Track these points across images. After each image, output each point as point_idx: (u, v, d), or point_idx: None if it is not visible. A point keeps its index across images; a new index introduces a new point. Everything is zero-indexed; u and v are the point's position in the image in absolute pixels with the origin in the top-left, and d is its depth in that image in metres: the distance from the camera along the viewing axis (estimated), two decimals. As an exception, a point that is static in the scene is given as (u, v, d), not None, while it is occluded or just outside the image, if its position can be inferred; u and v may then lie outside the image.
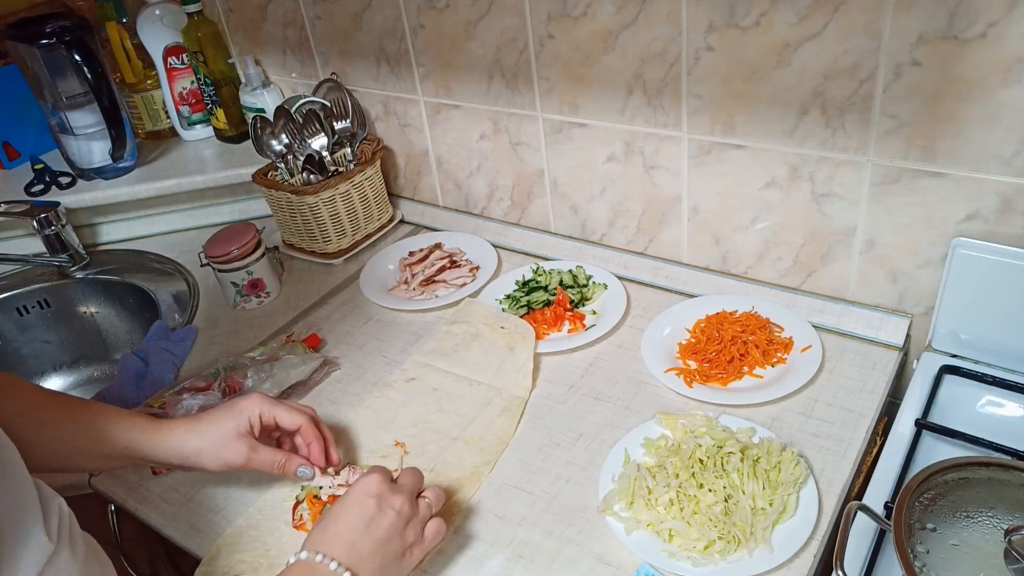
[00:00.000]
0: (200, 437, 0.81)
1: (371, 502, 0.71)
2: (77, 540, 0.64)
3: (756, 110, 0.95)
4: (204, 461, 0.82)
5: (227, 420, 0.82)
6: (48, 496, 0.62)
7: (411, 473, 0.77)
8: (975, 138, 0.83)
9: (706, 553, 0.74)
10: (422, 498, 0.75)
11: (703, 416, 0.88)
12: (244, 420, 0.82)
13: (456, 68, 1.20)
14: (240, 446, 0.81)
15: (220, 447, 0.81)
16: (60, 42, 1.28)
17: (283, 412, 0.84)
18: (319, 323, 1.17)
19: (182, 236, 1.45)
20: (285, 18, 1.36)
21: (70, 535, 0.63)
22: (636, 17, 0.97)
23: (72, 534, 0.63)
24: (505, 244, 1.29)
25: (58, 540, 0.60)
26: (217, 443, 0.81)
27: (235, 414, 0.82)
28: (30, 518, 0.58)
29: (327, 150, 1.29)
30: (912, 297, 0.98)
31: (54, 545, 0.59)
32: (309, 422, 0.85)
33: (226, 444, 0.81)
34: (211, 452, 0.81)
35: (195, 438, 0.81)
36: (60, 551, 0.60)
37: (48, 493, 0.63)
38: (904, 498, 0.67)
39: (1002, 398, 0.88)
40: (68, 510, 0.64)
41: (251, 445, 0.82)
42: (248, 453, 0.81)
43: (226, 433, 0.81)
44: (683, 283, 1.13)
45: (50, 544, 0.59)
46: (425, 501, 0.75)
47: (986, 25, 0.77)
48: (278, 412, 0.84)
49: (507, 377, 1.00)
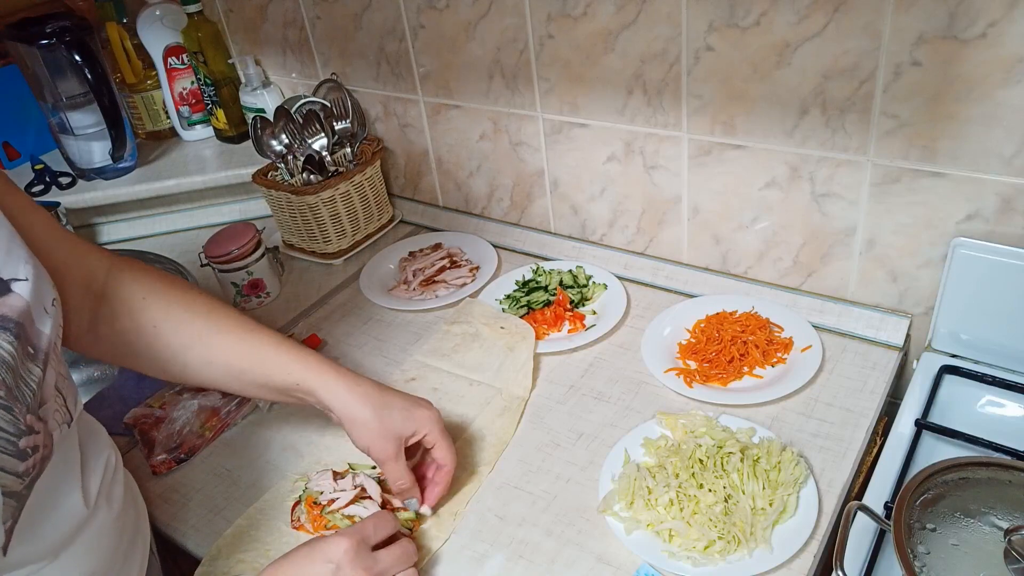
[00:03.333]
0: (372, 414, 0.79)
1: (326, 568, 0.68)
2: (115, 491, 0.64)
3: (756, 110, 0.95)
4: (357, 434, 0.81)
5: (402, 421, 0.81)
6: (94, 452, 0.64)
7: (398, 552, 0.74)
8: (975, 138, 0.83)
9: (706, 553, 0.74)
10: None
11: (703, 416, 0.88)
12: (411, 427, 0.81)
13: (456, 68, 1.20)
14: (391, 446, 0.80)
15: (378, 436, 0.80)
16: (60, 42, 1.28)
17: (444, 447, 0.83)
18: (319, 323, 1.17)
19: (182, 236, 1.45)
20: (285, 18, 1.36)
21: (110, 488, 0.63)
22: (636, 17, 0.97)
23: (113, 485, 0.64)
24: (505, 244, 1.29)
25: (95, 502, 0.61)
26: (379, 431, 0.80)
27: (412, 421, 0.81)
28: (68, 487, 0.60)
29: (327, 150, 1.29)
30: (912, 297, 0.98)
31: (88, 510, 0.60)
32: (452, 467, 0.84)
33: (384, 438, 0.80)
34: (368, 433, 0.80)
35: (368, 412, 0.80)
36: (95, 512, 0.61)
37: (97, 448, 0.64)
38: (904, 498, 0.67)
39: (1002, 398, 0.88)
40: (115, 461, 0.65)
41: (399, 451, 0.81)
42: (393, 456, 0.80)
43: (392, 431, 0.80)
44: (683, 283, 1.13)
45: (86, 509, 0.60)
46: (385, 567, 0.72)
47: (986, 25, 0.77)
48: (439, 443, 0.83)
49: (507, 377, 1.00)
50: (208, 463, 0.95)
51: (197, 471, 0.94)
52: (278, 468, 0.93)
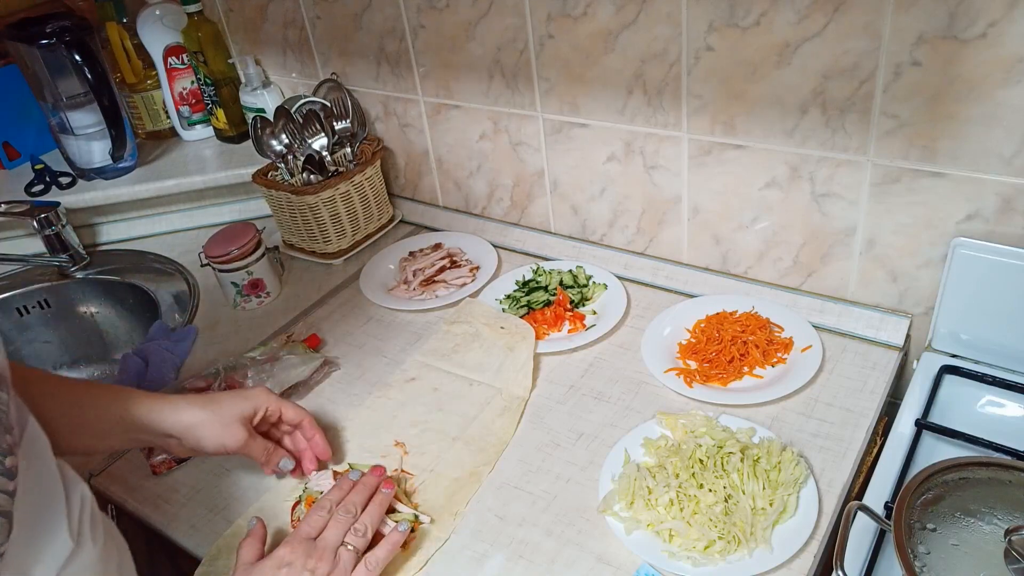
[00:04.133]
0: (203, 411, 0.82)
1: (282, 572, 0.71)
2: (97, 528, 0.64)
3: (756, 110, 0.95)
4: (202, 435, 0.82)
5: (235, 404, 0.85)
6: (72, 484, 0.63)
7: (335, 523, 0.76)
8: (975, 138, 0.83)
9: (706, 553, 0.74)
10: (344, 547, 0.74)
11: (703, 416, 0.88)
12: (250, 407, 0.85)
13: (456, 68, 1.20)
14: (240, 431, 0.84)
15: (222, 427, 0.83)
16: (60, 42, 1.28)
17: (288, 407, 0.89)
18: (319, 323, 1.17)
19: (182, 236, 1.45)
20: (285, 18, 1.36)
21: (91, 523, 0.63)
22: (636, 17, 0.97)
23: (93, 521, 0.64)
24: (505, 244, 1.29)
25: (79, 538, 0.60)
26: (219, 422, 0.83)
27: (243, 400, 0.86)
28: (55, 518, 0.59)
29: (327, 150, 1.29)
30: (912, 297, 0.98)
31: (75, 544, 0.60)
32: (310, 418, 0.90)
33: (228, 425, 0.83)
34: (211, 429, 0.82)
35: (198, 411, 0.82)
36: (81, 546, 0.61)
37: (71, 480, 0.63)
38: (904, 498, 0.67)
39: (1002, 398, 0.88)
40: (90, 495, 0.65)
41: (250, 431, 0.85)
42: (246, 438, 0.84)
43: (231, 416, 0.83)
44: (683, 283, 1.13)
45: (71, 543, 0.59)
46: (346, 549, 0.74)
47: (986, 25, 0.77)
48: (284, 406, 0.89)
49: (507, 377, 1.00)
50: (208, 463, 0.95)
51: (197, 471, 0.94)
52: (278, 468, 0.93)
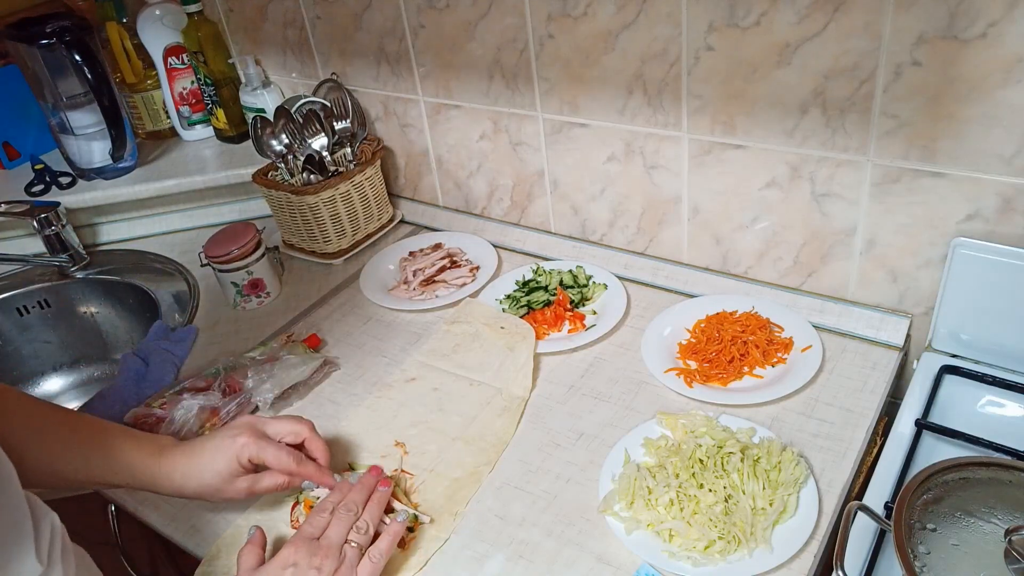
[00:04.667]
0: (199, 477, 0.81)
1: (287, 572, 0.71)
2: (68, 557, 0.64)
3: (756, 110, 0.95)
4: (206, 499, 0.83)
5: (222, 464, 0.81)
6: (40, 514, 0.62)
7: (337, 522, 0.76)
8: (975, 138, 0.83)
9: (706, 553, 0.74)
10: (348, 544, 0.74)
11: (703, 416, 0.88)
12: (235, 465, 0.81)
13: (456, 68, 1.20)
14: (239, 486, 0.82)
15: (221, 490, 0.81)
16: (60, 42, 1.28)
17: (272, 454, 0.82)
18: (319, 323, 1.17)
19: (182, 236, 1.45)
20: (285, 18, 1.36)
21: (62, 552, 0.63)
22: (636, 17, 0.97)
23: (64, 550, 0.63)
24: (505, 244, 1.29)
25: (49, 562, 0.60)
26: (216, 486, 0.81)
27: (228, 458, 0.81)
28: (22, 541, 0.58)
29: (327, 150, 1.29)
30: (912, 297, 0.98)
31: (44, 568, 0.59)
32: (296, 462, 0.83)
33: (225, 487, 0.81)
34: (212, 493, 0.82)
35: (194, 478, 0.81)
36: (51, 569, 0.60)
37: (41, 511, 0.63)
38: (904, 498, 0.67)
39: (1002, 398, 0.88)
40: (60, 526, 0.64)
41: (250, 481, 0.82)
42: (249, 488, 0.82)
43: (222, 478, 0.81)
44: (683, 283, 1.13)
45: (40, 567, 0.59)
46: (350, 546, 0.74)
47: (986, 25, 0.77)
48: (267, 455, 0.82)
49: (507, 377, 1.00)
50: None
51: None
52: (278, 468, 0.92)
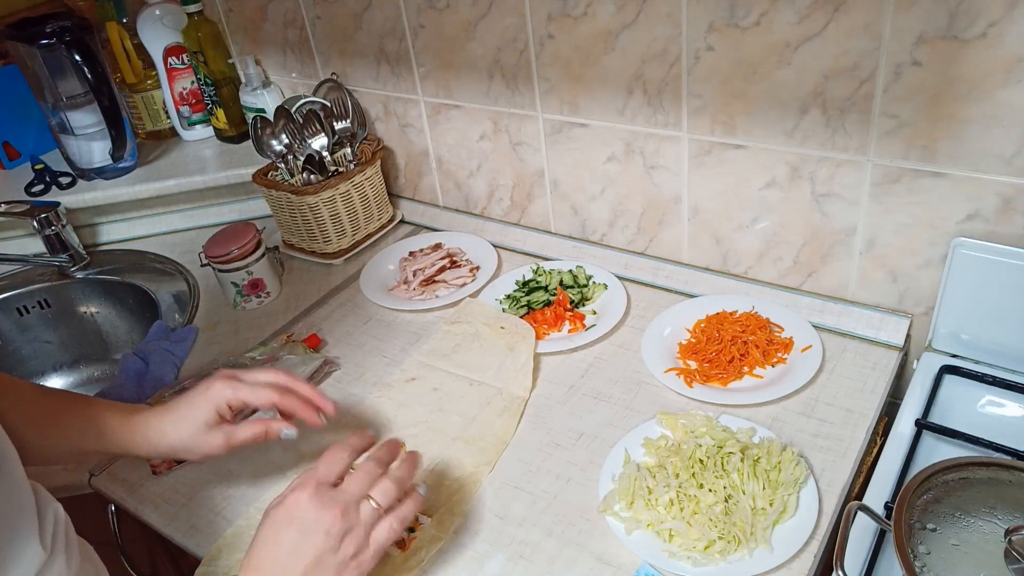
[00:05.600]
0: (174, 432, 0.80)
1: (292, 530, 0.65)
2: (72, 547, 0.63)
3: (756, 110, 0.95)
4: (183, 455, 0.82)
5: (197, 413, 0.79)
6: (45, 502, 0.62)
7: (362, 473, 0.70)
8: (975, 138, 0.83)
9: (706, 553, 0.74)
10: (366, 501, 0.68)
11: (703, 416, 0.88)
12: (212, 413, 0.80)
13: (456, 68, 1.20)
14: (216, 438, 0.80)
15: (196, 443, 0.80)
16: (60, 42, 1.28)
17: (249, 393, 0.80)
18: (319, 323, 1.17)
19: (182, 236, 1.45)
20: (285, 18, 1.36)
21: (65, 541, 0.63)
22: (636, 17, 0.97)
23: (68, 540, 0.63)
24: (505, 244, 1.29)
25: (52, 548, 0.60)
26: (191, 439, 0.80)
27: (203, 407, 0.80)
28: (26, 527, 0.58)
29: (327, 150, 1.29)
30: (912, 297, 0.98)
31: (48, 554, 0.59)
32: (281, 394, 0.81)
33: (201, 439, 0.80)
34: (188, 448, 0.80)
35: (169, 433, 0.80)
36: (54, 559, 0.60)
37: (45, 499, 0.62)
38: (904, 498, 0.67)
39: (1002, 398, 0.88)
40: (64, 516, 0.64)
41: (227, 433, 0.80)
42: (225, 442, 0.80)
43: (198, 428, 0.79)
44: (683, 283, 1.13)
45: (44, 553, 0.59)
46: (370, 504, 0.68)
47: (986, 25, 0.77)
48: (244, 395, 0.80)
49: (507, 377, 1.00)
50: (208, 463, 0.94)
51: (197, 471, 0.94)
52: (278, 468, 0.92)
